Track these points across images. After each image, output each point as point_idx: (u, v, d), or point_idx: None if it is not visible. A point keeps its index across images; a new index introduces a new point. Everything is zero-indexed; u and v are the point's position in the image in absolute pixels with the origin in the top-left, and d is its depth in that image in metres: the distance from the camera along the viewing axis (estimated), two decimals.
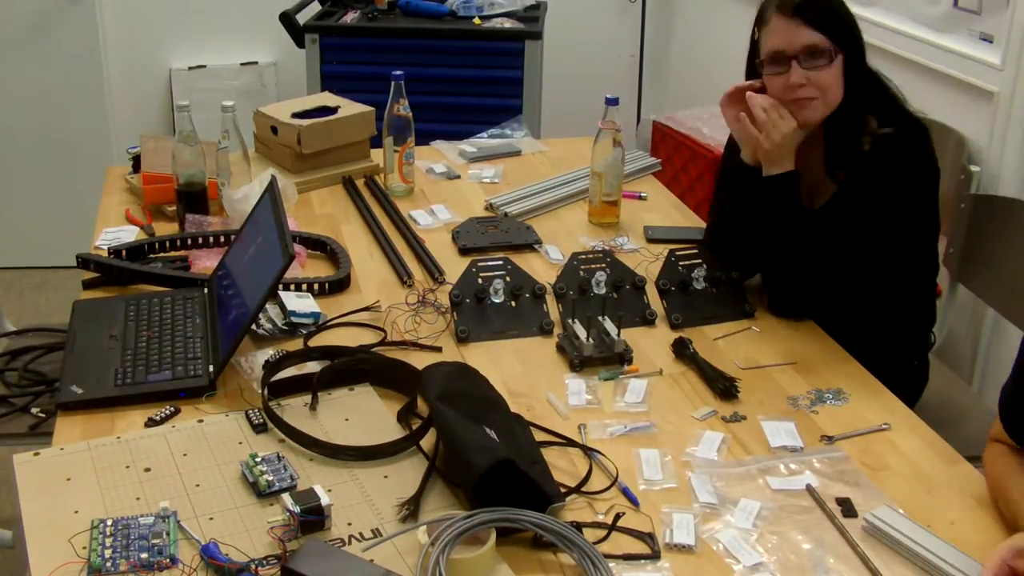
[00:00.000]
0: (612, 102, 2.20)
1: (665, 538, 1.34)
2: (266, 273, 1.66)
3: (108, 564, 1.26)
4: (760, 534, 1.36)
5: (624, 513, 1.39)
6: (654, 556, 1.31)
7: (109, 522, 1.32)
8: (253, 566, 1.25)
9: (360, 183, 2.47)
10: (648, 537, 1.34)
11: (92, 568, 1.26)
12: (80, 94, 3.87)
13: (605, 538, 1.34)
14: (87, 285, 1.96)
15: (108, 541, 1.29)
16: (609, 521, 1.37)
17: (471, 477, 1.32)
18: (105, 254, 2.03)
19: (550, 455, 1.49)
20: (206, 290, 1.89)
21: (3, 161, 3.89)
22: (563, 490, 1.41)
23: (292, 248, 1.63)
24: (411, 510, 1.36)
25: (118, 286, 1.95)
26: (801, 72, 1.81)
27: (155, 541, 1.30)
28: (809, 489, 1.45)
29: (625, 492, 1.43)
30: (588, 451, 1.52)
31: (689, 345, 1.77)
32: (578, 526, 1.33)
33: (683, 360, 1.77)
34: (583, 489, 1.43)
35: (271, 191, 1.79)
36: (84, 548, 1.28)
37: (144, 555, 1.27)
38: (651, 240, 2.20)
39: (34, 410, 1.94)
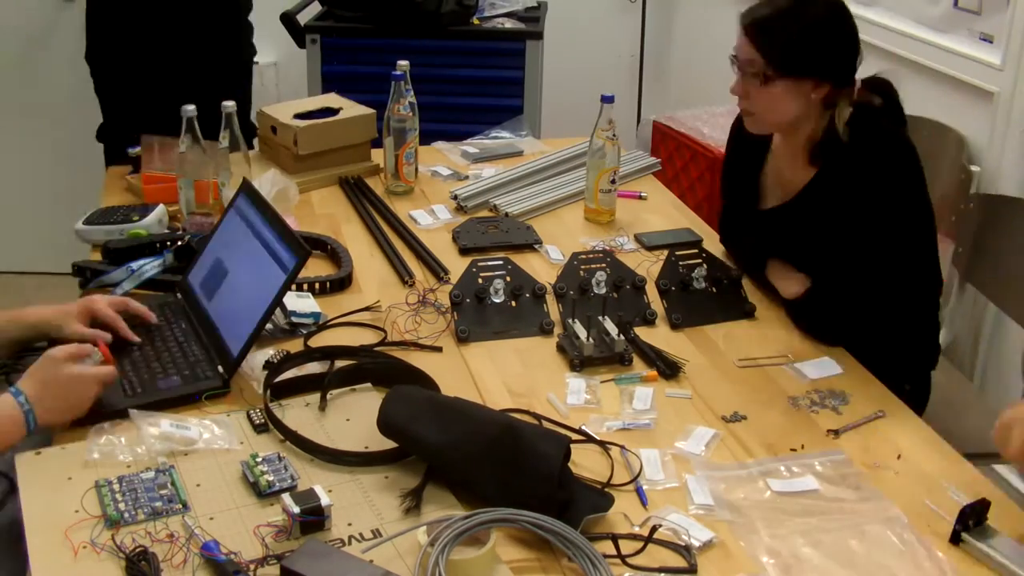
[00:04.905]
0: (608, 99, 2.18)
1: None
2: (269, 274, 1.65)
3: (125, 515, 1.32)
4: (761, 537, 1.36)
5: (660, 525, 1.34)
6: (690, 570, 1.29)
7: (114, 479, 1.38)
8: (253, 566, 1.25)
9: (360, 183, 2.47)
10: (684, 550, 1.31)
11: (111, 521, 1.31)
12: (78, 95, 3.86)
13: (641, 550, 1.30)
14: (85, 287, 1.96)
15: (119, 496, 1.35)
16: (645, 533, 1.33)
17: (549, 467, 1.34)
18: None
19: None
20: (179, 295, 1.87)
21: (3, 163, 3.88)
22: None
23: (306, 245, 1.64)
24: (414, 503, 1.36)
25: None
26: (740, 84, 1.86)
27: (162, 492, 1.37)
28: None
29: (639, 492, 1.43)
30: (604, 445, 1.52)
31: (630, 330, 1.80)
32: (614, 537, 1.30)
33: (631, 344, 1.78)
34: (606, 489, 1.42)
35: (247, 191, 1.78)
36: (83, 516, 1.30)
37: (157, 504, 1.35)
38: (648, 248, 2.19)
39: None
